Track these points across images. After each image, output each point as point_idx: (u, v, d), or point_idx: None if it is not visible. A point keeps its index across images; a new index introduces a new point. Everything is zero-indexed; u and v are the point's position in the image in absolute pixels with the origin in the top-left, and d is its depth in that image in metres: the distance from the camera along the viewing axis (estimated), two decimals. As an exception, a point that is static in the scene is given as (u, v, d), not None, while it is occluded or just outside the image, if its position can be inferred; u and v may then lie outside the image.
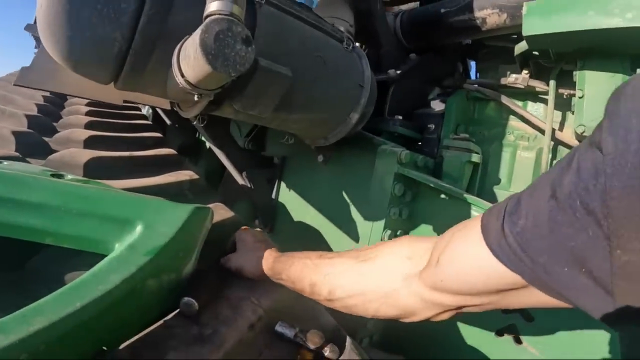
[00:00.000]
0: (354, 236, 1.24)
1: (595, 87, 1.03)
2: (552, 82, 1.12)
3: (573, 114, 1.11)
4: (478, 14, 1.28)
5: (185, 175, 1.22)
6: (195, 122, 1.09)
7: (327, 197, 1.35)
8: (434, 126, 1.39)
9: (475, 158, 1.17)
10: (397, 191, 1.11)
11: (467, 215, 1.05)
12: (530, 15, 1.00)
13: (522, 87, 1.19)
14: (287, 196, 1.49)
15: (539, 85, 1.16)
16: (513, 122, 1.33)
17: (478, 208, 1.03)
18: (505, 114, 1.35)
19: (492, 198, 1.25)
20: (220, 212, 1.02)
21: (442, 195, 1.12)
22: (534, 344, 0.96)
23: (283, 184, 1.50)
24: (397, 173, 1.10)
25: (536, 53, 1.12)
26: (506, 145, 1.33)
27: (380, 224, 1.12)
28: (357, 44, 1.09)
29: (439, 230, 1.14)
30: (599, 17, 0.89)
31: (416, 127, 1.41)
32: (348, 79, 0.99)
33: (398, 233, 1.16)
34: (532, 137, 1.29)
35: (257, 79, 0.70)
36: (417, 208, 1.20)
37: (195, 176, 1.24)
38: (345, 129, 1.03)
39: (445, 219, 1.12)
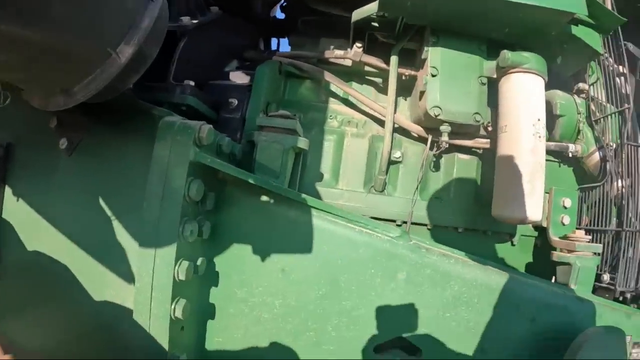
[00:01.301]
0: (125, 274, 1.06)
1: (451, 66, 1.20)
2: (394, 58, 1.27)
3: (410, 96, 1.25)
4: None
5: None
6: None
7: (75, 209, 1.15)
8: (236, 102, 1.35)
9: (302, 143, 1.17)
10: (193, 193, 0.96)
11: (308, 229, 1.07)
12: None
13: (350, 64, 1.28)
14: (15, 208, 1.19)
15: (374, 62, 1.27)
16: (336, 105, 1.44)
17: (324, 215, 1.07)
18: (326, 95, 1.44)
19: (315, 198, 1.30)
20: None
21: (264, 198, 1.07)
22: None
23: (8, 190, 1.20)
24: (193, 162, 0.95)
25: (376, 25, 1.21)
26: (329, 132, 1.43)
27: (169, 251, 0.96)
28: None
29: (264, 253, 1.11)
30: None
31: (211, 101, 1.34)
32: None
33: (198, 263, 1.03)
34: (362, 123, 1.42)
35: None
36: (223, 220, 1.10)
37: None
38: (107, 75, 0.80)
39: (272, 235, 1.09)
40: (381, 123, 1.46)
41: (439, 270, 1.11)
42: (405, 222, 1.45)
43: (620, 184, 1.50)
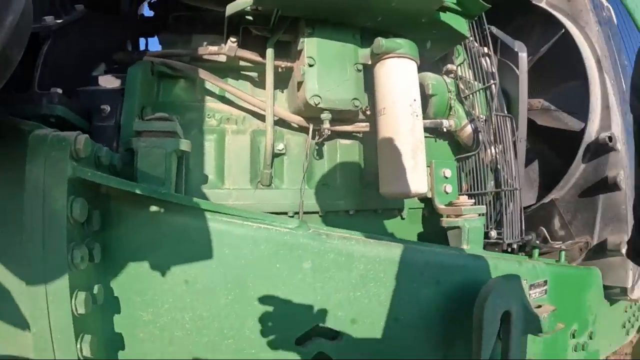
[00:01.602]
0: (17, 321, 1.00)
1: (327, 56, 1.29)
2: (270, 51, 1.35)
3: (287, 88, 1.32)
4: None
5: None
6: None
7: None
8: (109, 108, 1.34)
9: (185, 145, 1.21)
10: (77, 214, 0.94)
11: (205, 234, 1.08)
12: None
13: (224, 60, 1.33)
14: None
15: (249, 56, 1.33)
16: (213, 103, 1.50)
17: (219, 217, 1.10)
18: (202, 93, 1.50)
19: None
20: None
21: (153, 208, 1.08)
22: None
23: None
24: (72, 178, 0.94)
25: (250, 18, 1.26)
26: (209, 131, 1.48)
27: (61, 284, 0.92)
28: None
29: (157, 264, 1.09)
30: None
31: (81, 109, 1.31)
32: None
33: (95, 291, 1.00)
34: (241, 119, 1.49)
35: None
36: (113, 239, 1.08)
37: None
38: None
39: (168, 246, 1.09)
40: (261, 117, 1.56)
41: (342, 253, 1.20)
42: (297, 213, 1.56)
43: (493, 151, 1.76)
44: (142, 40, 2.10)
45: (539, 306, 1.56)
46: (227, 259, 1.12)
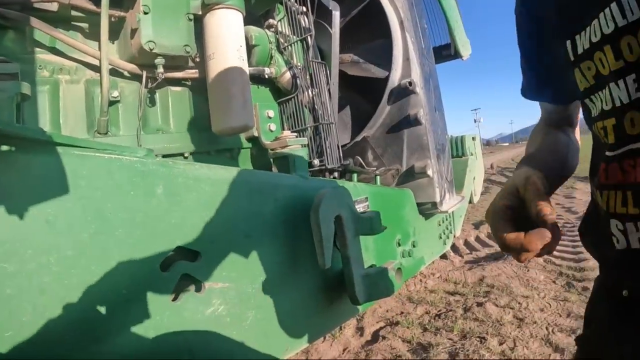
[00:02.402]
0: None
1: (161, 5, 1.44)
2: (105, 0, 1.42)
3: (118, 39, 1.48)
4: None
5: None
6: None
7: None
8: None
9: (26, 88, 1.29)
10: None
11: (59, 169, 1.11)
12: None
13: (56, 9, 1.43)
14: None
15: (83, 5, 1.45)
16: (44, 54, 1.59)
17: (71, 150, 1.15)
18: (32, 44, 1.57)
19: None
20: None
21: (4, 147, 1.08)
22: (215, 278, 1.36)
23: None
24: None
25: None
26: (42, 83, 1.57)
27: None
28: None
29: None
30: None
31: None
32: None
33: None
34: (74, 70, 1.60)
35: None
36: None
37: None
38: None
39: (22, 187, 1.09)
40: (93, 67, 1.70)
41: (189, 177, 1.36)
42: None
43: (310, 93, 2.18)
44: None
45: (364, 212, 1.88)
46: (84, 192, 1.16)
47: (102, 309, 1.17)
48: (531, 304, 4.25)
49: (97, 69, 1.65)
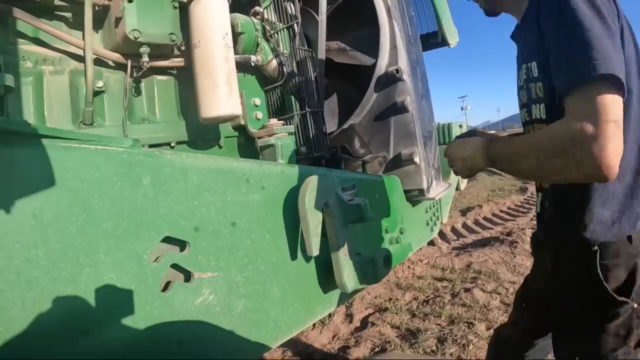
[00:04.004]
0: None
1: None
2: None
3: (102, 28, 1.45)
4: None
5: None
6: None
7: None
8: None
9: (9, 80, 1.27)
10: None
11: (44, 161, 1.10)
12: None
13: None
14: None
15: None
16: (27, 45, 1.57)
17: (56, 142, 1.14)
18: (15, 35, 1.55)
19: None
20: None
21: None
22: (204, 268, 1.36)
23: None
24: None
25: None
26: (25, 74, 1.55)
27: None
28: None
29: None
30: None
31: None
32: None
33: None
34: (58, 60, 1.58)
35: None
36: None
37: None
38: None
39: (7, 181, 1.08)
40: (77, 57, 1.68)
41: (175, 166, 1.36)
42: None
43: (297, 81, 2.18)
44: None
45: (351, 200, 1.88)
46: (71, 184, 1.15)
47: (91, 302, 1.17)
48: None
49: (81, 59, 1.63)
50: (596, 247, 1.22)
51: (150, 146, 1.79)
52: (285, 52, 2.18)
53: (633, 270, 1.21)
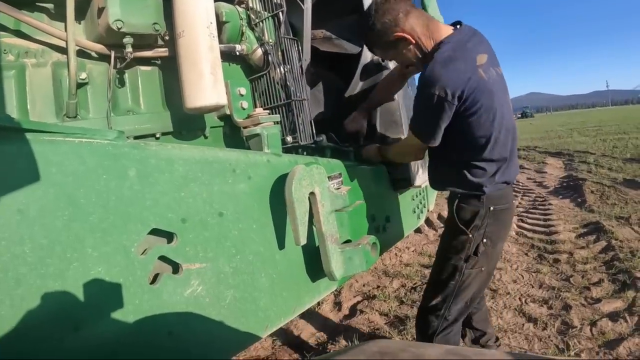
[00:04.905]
0: None
1: None
2: None
3: (84, 19, 1.43)
4: None
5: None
6: None
7: None
8: None
9: None
10: None
11: (29, 156, 1.09)
12: None
13: None
14: None
15: None
16: (8, 38, 1.55)
17: (40, 136, 1.14)
18: None
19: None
20: None
21: None
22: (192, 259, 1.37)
23: None
24: None
25: None
26: (7, 67, 1.53)
27: None
28: None
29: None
30: None
31: None
32: None
33: None
34: (40, 52, 1.56)
35: None
36: None
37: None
38: None
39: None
40: (60, 49, 1.65)
41: (161, 158, 1.35)
42: None
43: (282, 70, 2.18)
44: None
45: (338, 188, 1.94)
46: (55, 178, 1.14)
47: (80, 297, 1.17)
48: (504, 275, 4.40)
49: (64, 50, 1.61)
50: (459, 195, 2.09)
51: (135, 138, 1.78)
52: (271, 40, 2.17)
53: (474, 215, 2.02)
